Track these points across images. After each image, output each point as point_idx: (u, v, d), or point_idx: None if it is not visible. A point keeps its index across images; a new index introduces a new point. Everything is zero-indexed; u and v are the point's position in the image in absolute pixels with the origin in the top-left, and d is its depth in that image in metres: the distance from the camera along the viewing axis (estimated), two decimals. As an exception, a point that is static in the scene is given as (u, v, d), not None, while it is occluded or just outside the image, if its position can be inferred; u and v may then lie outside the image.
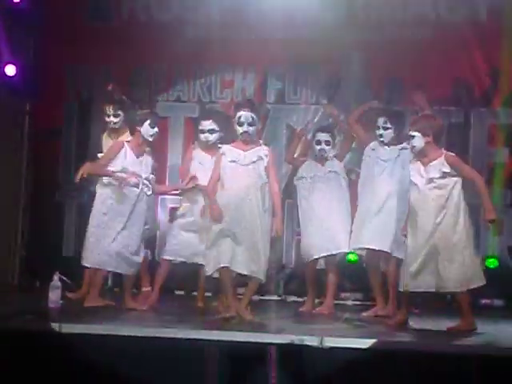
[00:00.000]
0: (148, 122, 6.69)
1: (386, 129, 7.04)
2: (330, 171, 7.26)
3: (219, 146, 6.52)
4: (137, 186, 6.62)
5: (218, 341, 5.17)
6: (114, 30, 8.96)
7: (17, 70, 8.57)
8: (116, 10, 9.06)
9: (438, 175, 6.20)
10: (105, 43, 8.80)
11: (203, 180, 6.73)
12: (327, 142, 7.25)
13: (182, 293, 8.36)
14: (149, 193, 6.69)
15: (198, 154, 7.13)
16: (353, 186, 7.39)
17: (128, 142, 6.78)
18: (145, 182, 6.65)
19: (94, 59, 8.84)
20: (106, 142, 7.32)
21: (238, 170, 6.24)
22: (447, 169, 6.21)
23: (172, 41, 8.70)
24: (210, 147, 7.03)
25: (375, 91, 8.60)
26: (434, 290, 6.20)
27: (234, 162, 6.25)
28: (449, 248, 6.10)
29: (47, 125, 8.84)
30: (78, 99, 9.00)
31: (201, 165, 7.03)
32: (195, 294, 7.40)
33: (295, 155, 7.55)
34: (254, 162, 6.23)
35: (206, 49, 8.77)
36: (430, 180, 6.20)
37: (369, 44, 8.50)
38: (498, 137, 8.51)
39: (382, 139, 7.07)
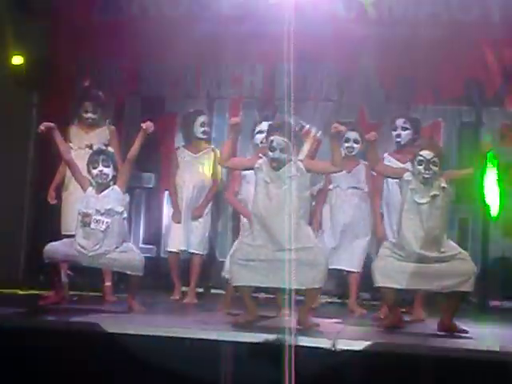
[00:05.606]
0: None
1: (404, 129, 6.93)
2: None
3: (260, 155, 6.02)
4: (88, 225, 6.33)
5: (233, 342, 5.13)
6: (123, 25, 8.89)
7: (25, 60, 8.54)
8: (126, 4, 9.02)
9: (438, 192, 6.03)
10: (114, 37, 8.75)
11: None
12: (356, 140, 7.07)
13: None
14: (102, 228, 6.31)
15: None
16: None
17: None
18: (96, 218, 6.31)
19: (103, 53, 8.80)
20: (77, 132, 7.28)
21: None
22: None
23: (181, 36, 8.63)
24: None
25: (386, 90, 8.56)
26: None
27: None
28: None
29: (55, 118, 8.75)
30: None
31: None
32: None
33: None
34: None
35: (216, 44, 8.71)
36: (434, 196, 6.01)
37: (380, 42, 8.40)
38: (510, 136, 8.44)
39: (399, 139, 6.96)
